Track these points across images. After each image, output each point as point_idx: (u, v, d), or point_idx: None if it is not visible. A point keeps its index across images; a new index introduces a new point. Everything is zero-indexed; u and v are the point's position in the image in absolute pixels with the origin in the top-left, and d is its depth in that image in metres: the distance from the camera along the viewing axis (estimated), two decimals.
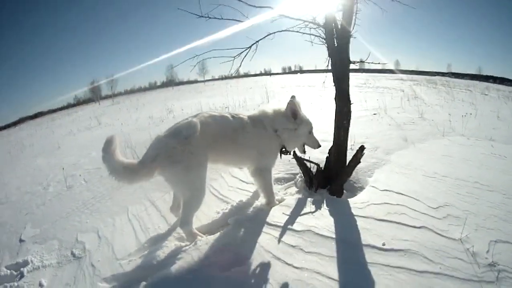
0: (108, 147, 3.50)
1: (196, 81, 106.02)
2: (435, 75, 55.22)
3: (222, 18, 4.57)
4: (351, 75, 4.68)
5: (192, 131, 3.63)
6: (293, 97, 4.21)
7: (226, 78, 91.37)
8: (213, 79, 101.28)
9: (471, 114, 11.07)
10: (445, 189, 4.74)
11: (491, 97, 21.26)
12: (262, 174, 4.27)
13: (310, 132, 4.46)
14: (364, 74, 49.58)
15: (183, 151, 3.56)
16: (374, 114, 11.03)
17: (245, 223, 4.03)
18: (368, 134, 7.87)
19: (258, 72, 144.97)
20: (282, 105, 4.31)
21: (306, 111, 4.41)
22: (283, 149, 4.37)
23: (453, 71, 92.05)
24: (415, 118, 10.20)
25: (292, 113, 4.18)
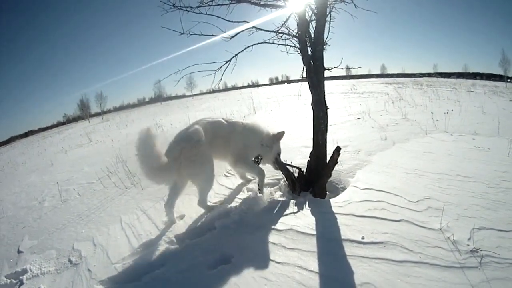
0: (144, 145, 4.62)
1: (184, 96, 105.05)
2: (421, 77, 55.32)
3: (201, 34, 4.81)
4: (338, 82, 4.96)
5: (201, 136, 4.63)
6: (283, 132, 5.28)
7: (214, 91, 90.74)
8: (201, 93, 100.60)
9: (452, 110, 11.20)
10: (426, 184, 4.93)
11: (477, 93, 21.30)
12: (241, 160, 5.15)
13: (279, 154, 5.36)
14: (351, 80, 49.73)
15: (197, 152, 4.55)
16: (358, 118, 11.17)
17: (231, 225, 4.27)
18: (351, 138, 8.06)
19: (246, 84, 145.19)
20: (272, 129, 5.38)
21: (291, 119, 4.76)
22: (257, 159, 5.22)
23: (439, 71, 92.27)
24: (399, 120, 10.34)
25: (277, 139, 5.22)
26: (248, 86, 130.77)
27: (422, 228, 3.77)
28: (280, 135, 5.26)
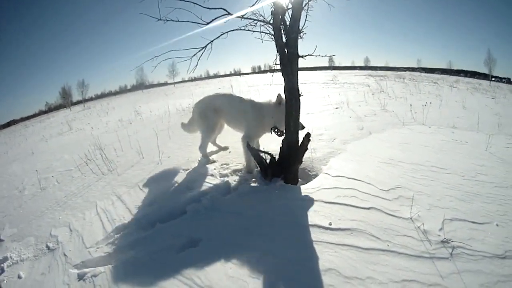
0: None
1: (166, 83, 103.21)
2: (404, 71, 55.66)
3: (178, 21, 4.82)
4: (320, 72, 4.99)
5: (202, 104, 6.31)
6: (279, 94, 5.36)
7: (196, 79, 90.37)
8: (183, 81, 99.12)
9: (431, 103, 11.42)
10: (399, 173, 5.03)
11: (459, 89, 21.61)
12: (244, 140, 5.60)
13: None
14: (334, 71, 49.85)
15: (198, 113, 6.28)
16: (336, 108, 11.27)
17: (201, 210, 4.35)
18: (327, 126, 8.18)
19: (228, 73, 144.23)
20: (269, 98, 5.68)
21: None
22: (276, 129, 5.46)
23: (423, 66, 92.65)
24: (377, 110, 10.51)
25: (279, 103, 5.37)
26: (230, 75, 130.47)
27: (392, 216, 3.84)
28: (279, 99, 5.39)
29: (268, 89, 22.24)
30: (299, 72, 4.94)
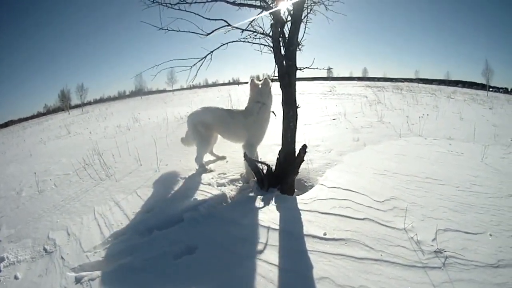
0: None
1: (165, 90, 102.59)
2: (402, 81, 55.69)
3: (179, 31, 4.90)
4: (318, 83, 5.05)
5: (192, 120, 6.29)
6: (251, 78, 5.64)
7: (194, 87, 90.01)
8: (182, 89, 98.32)
9: (428, 115, 11.51)
10: (394, 184, 5.06)
11: (457, 100, 21.46)
12: (248, 148, 5.67)
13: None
14: (332, 82, 49.91)
15: (191, 129, 6.32)
16: (334, 119, 11.28)
17: (198, 218, 4.41)
18: (324, 138, 8.17)
19: (226, 82, 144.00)
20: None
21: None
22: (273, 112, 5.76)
23: (421, 77, 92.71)
24: (374, 122, 10.50)
25: (266, 87, 5.56)
26: (229, 84, 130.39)
27: (386, 227, 3.89)
28: (266, 82, 5.58)
29: None
30: (297, 83, 5.04)
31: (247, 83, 5.75)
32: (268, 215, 4.32)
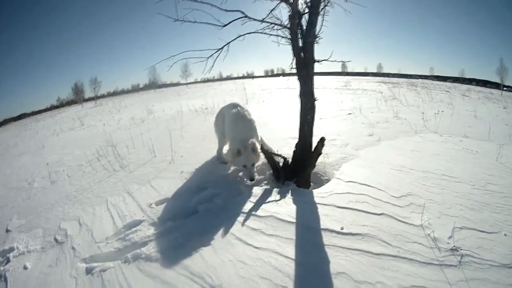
0: None
1: (179, 84, 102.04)
2: (417, 78, 55.37)
3: (195, 22, 4.83)
4: (332, 77, 4.94)
5: (218, 113, 6.65)
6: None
7: (209, 80, 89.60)
8: (196, 82, 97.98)
9: (443, 111, 11.33)
10: (411, 181, 4.97)
11: (471, 98, 21.27)
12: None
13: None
14: (347, 77, 49.61)
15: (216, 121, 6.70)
16: (349, 113, 11.19)
17: (213, 210, 4.36)
18: (340, 132, 8.10)
19: (241, 75, 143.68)
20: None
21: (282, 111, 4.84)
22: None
23: (436, 74, 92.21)
24: (389, 117, 10.37)
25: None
26: (243, 77, 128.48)
27: (403, 223, 3.81)
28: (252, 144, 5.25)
29: (282, 92, 22.12)
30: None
31: (261, 77, 5.69)
32: (285, 208, 4.23)
